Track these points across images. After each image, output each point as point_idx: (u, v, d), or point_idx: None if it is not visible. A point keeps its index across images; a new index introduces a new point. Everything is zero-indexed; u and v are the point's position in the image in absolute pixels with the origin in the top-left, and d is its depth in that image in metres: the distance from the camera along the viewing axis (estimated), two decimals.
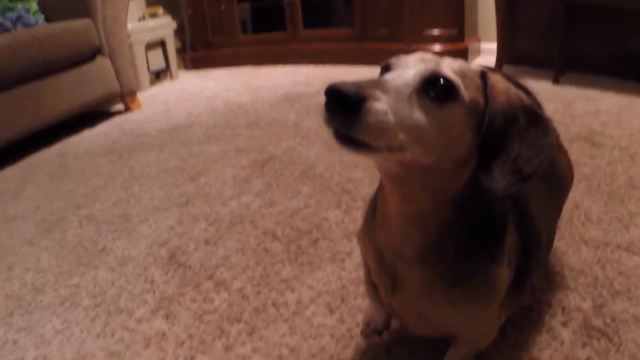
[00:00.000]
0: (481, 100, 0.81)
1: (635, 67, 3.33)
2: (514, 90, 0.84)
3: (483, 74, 0.84)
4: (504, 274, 0.96)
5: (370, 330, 1.33)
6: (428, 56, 0.84)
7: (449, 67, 0.80)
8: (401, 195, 0.88)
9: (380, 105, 0.71)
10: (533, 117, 0.83)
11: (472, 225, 0.91)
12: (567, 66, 3.62)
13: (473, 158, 0.83)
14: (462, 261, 0.92)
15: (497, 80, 0.84)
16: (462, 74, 0.80)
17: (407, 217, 0.90)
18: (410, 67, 0.80)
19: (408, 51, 2.93)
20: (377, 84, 0.74)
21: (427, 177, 0.83)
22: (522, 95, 0.85)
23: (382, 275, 1.02)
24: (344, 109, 0.69)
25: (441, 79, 0.77)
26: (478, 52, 4.49)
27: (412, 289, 0.97)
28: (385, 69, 0.86)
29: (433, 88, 0.77)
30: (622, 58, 3.37)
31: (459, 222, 0.90)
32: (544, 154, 0.81)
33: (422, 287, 0.96)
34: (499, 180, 0.80)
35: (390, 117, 0.71)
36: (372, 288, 1.18)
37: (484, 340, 1.14)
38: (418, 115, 0.75)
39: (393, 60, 0.85)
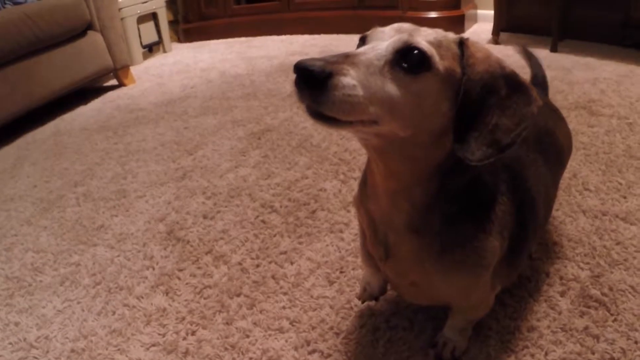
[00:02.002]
0: (458, 70, 0.80)
1: (635, 35, 3.29)
2: (494, 57, 0.83)
3: (461, 43, 0.82)
4: (494, 244, 0.95)
5: (367, 295, 1.33)
6: (405, 26, 0.83)
7: (424, 37, 0.79)
8: (384, 167, 0.89)
9: (347, 79, 0.71)
10: (515, 85, 0.82)
11: (458, 195, 0.91)
12: (565, 33, 3.58)
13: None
14: (450, 231, 0.92)
15: (477, 49, 0.82)
16: (438, 44, 0.79)
17: (392, 189, 0.91)
18: (385, 39, 0.80)
19: (404, 18, 2.90)
20: (346, 58, 0.73)
21: (406, 149, 0.83)
22: (504, 63, 0.83)
23: (376, 243, 1.02)
24: (311, 85, 0.69)
25: (414, 50, 0.76)
26: (475, 19, 4.45)
27: (404, 258, 0.98)
28: (362, 41, 0.85)
29: (406, 59, 0.76)
30: (622, 26, 3.33)
31: (443, 193, 0.90)
32: (524, 123, 0.80)
33: (412, 256, 0.96)
34: (474, 152, 0.79)
35: (359, 91, 0.71)
36: (368, 254, 1.18)
37: (478, 309, 1.15)
38: (390, 88, 0.75)
39: (369, 32, 0.85)
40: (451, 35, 0.83)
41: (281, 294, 1.42)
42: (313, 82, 0.69)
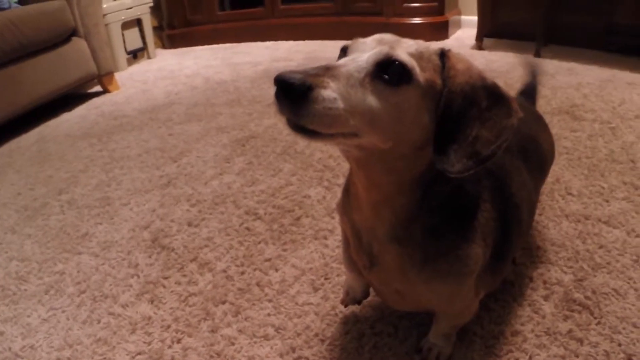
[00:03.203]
0: (439, 81, 0.80)
1: (618, 39, 3.32)
2: (476, 69, 0.83)
3: (442, 54, 0.83)
4: (476, 252, 0.96)
5: (350, 300, 1.33)
6: (387, 37, 0.84)
7: (405, 49, 0.79)
8: (366, 178, 0.89)
9: (328, 92, 0.71)
10: (495, 97, 0.82)
11: (440, 205, 0.91)
12: (549, 39, 3.62)
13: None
14: (432, 241, 0.93)
15: (458, 60, 0.83)
16: (419, 56, 0.80)
17: (374, 199, 0.91)
18: (366, 50, 0.80)
19: (389, 24, 2.93)
20: (326, 70, 0.73)
21: (387, 161, 0.84)
22: (485, 74, 0.83)
23: (360, 252, 1.02)
24: (292, 98, 0.69)
25: (395, 62, 0.76)
26: (459, 24, 4.49)
27: (388, 267, 0.98)
28: (343, 51, 0.85)
29: (387, 71, 0.76)
30: (605, 31, 3.37)
31: (426, 203, 0.90)
32: (504, 135, 0.81)
33: (395, 265, 0.97)
34: (453, 164, 0.79)
35: (340, 104, 0.71)
36: (351, 259, 1.19)
37: (463, 315, 1.15)
38: (370, 100, 0.75)
39: (350, 43, 0.85)
40: (433, 47, 0.84)
41: (266, 301, 1.43)
42: (293, 95, 0.69)
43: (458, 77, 0.81)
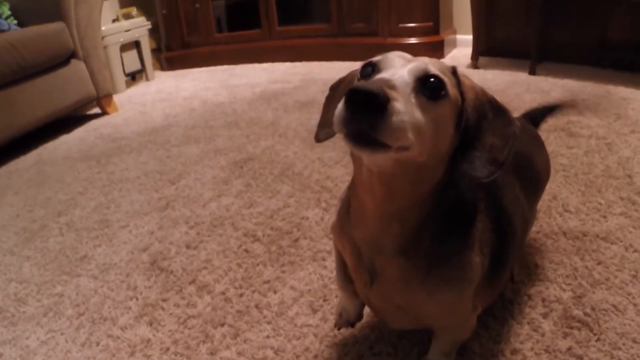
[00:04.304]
0: (459, 96, 0.84)
1: (612, 55, 3.36)
2: (478, 86, 0.88)
3: (454, 71, 0.87)
4: (476, 259, 0.98)
5: (343, 322, 1.33)
6: (405, 55, 0.87)
7: (433, 65, 0.82)
8: (385, 193, 0.89)
9: (399, 105, 0.72)
10: (497, 109, 0.88)
11: (446, 212, 0.94)
12: (543, 56, 3.65)
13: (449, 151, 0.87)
14: (437, 249, 0.95)
15: (465, 77, 0.87)
16: (443, 72, 0.83)
17: (387, 213, 0.92)
18: (398, 67, 0.82)
19: (385, 45, 2.97)
20: (386, 82, 0.74)
21: (414, 173, 0.85)
22: (485, 90, 0.89)
23: (360, 269, 1.03)
24: (369, 110, 0.69)
25: (432, 77, 0.79)
26: (454, 44, 4.52)
27: (390, 281, 0.99)
28: (371, 68, 0.87)
29: (426, 86, 0.78)
30: (599, 47, 3.41)
31: (434, 212, 0.93)
32: (510, 142, 0.86)
33: (399, 278, 0.98)
34: (481, 170, 0.84)
35: (407, 117, 0.73)
36: (344, 279, 1.20)
37: (462, 330, 1.16)
38: (417, 114, 0.76)
39: (379, 59, 0.87)
40: (445, 64, 0.87)
41: (265, 323, 1.43)
42: (374, 107, 0.69)
43: (469, 92, 0.86)
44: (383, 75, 0.80)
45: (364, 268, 1.02)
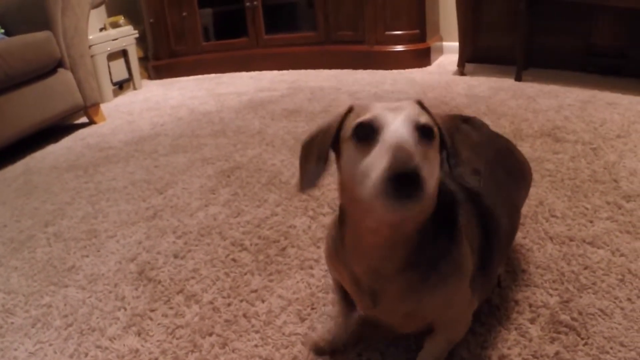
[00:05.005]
0: (436, 127, 0.90)
1: (597, 60, 3.39)
2: (439, 110, 0.98)
3: (421, 104, 0.94)
4: (466, 250, 1.03)
5: (326, 345, 1.32)
6: (388, 105, 0.91)
7: (413, 109, 0.88)
8: (392, 232, 0.94)
9: (425, 173, 0.76)
10: (456, 127, 0.98)
11: (434, 217, 0.98)
12: (529, 62, 3.68)
13: None
14: (430, 252, 0.99)
15: (429, 106, 0.95)
16: (421, 113, 0.90)
17: (390, 242, 0.96)
18: (391, 121, 0.86)
19: (371, 52, 2.99)
20: (409, 155, 0.77)
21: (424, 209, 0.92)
22: (445, 111, 0.96)
23: (361, 295, 1.07)
24: (409, 185, 0.75)
25: (423, 125, 0.85)
26: (440, 51, 4.55)
27: (394, 298, 1.03)
28: (367, 129, 0.88)
29: (420, 133, 0.84)
30: (584, 52, 3.44)
31: (430, 223, 0.98)
32: (477, 150, 0.98)
33: (402, 292, 1.02)
34: (471, 180, 1.00)
35: (432, 180, 0.81)
36: (346, 300, 1.27)
37: (461, 325, 1.19)
38: (429, 165, 0.82)
39: (371, 119, 0.89)
40: (412, 100, 0.94)
41: (253, 332, 1.44)
42: (414, 185, 0.75)
43: (438, 118, 0.93)
44: (387, 137, 0.83)
45: (364, 292, 1.05)
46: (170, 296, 1.63)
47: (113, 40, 4.35)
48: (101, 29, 4.62)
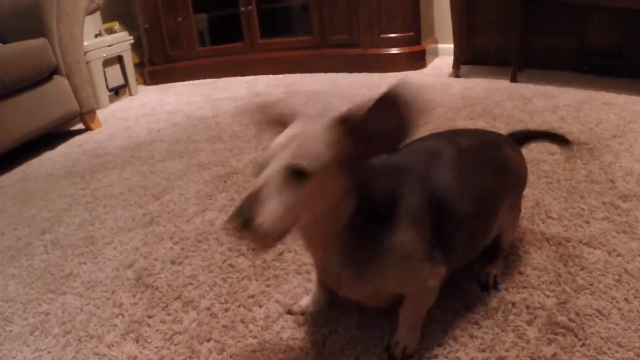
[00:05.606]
0: (343, 139, 0.99)
1: (593, 60, 3.40)
2: (360, 103, 1.00)
3: (344, 119, 1.01)
4: (406, 234, 1.12)
5: (304, 308, 1.51)
6: (280, 151, 0.98)
7: (297, 153, 0.95)
8: (309, 236, 1.14)
9: (271, 210, 0.89)
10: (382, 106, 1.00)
11: (360, 216, 1.08)
12: (524, 63, 3.69)
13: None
14: (366, 245, 1.11)
15: (355, 108, 1.00)
16: (311, 149, 0.97)
17: (319, 244, 1.14)
18: (271, 164, 0.96)
19: (366, 56, 2.99)
20: (257, 198, 0.90)
21: (327, 218, 1.04)
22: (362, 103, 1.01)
23: (327, 277, 1.26)
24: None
25: (293, 167, 0.93)
26: (436, 53, 4.56)
27: (350, 284, 1.18)
28: (259, 165, 1.00)
29: (292, 173, 0.93)
30: (580, 52, 3.45)
31: (353, 220, 1.08)
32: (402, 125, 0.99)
33: (354, 280, 1.16)
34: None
35: (270, 220, 0.89)
36: (320, 281, 1.47)
37: (425, 296, 1.26)
38: (290, 198, 0.92)
39: (260, 161, 1.00)
40: (323, 125, 1.02)
41: (251, 337, 1.44)
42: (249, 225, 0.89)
43: (359, 113, 0.98)
44: (259, 179, 0.94)
45: (328, 277, 1.26)
46: (168, 302, 1.63)
47: (108, 46, 4.35)
48: (96, 35, 4.62)
